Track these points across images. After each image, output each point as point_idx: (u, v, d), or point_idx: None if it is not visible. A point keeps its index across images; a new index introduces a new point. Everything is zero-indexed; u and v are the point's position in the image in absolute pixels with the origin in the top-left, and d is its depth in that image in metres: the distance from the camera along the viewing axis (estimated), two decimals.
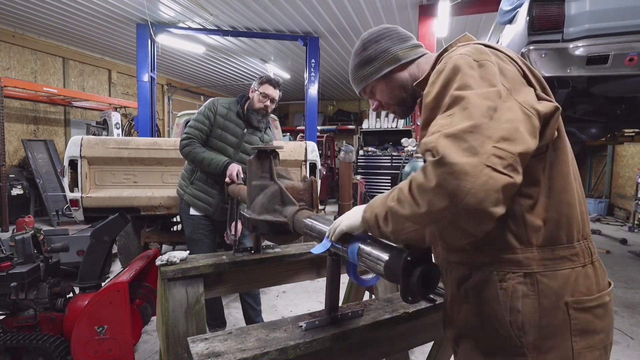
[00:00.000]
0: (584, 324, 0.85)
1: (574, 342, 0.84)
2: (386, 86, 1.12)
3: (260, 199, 1.46)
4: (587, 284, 0.86)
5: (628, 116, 3.58)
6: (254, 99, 2.59)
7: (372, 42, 1.11)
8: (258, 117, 2.61)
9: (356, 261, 0.98)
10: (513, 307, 0.84)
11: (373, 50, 1.10)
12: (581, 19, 2.66)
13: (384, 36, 1.10)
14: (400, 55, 1.08)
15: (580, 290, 0.85)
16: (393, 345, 1.43)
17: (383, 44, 1.09)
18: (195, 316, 1.65)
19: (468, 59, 0.84)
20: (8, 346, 2.15)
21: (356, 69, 1.14)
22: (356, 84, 1.17)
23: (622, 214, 8.98)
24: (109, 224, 2.49)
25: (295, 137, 10.32)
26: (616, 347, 2.95)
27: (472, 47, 0.88)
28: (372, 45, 1.10)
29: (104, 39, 8.48)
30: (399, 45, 1.09)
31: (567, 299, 0.84)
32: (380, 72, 1.10)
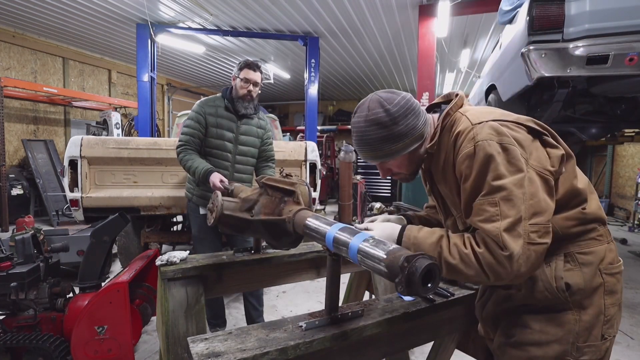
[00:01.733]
0: (611, 286, 1.09)
1: (605, 299, 1.08)
2: (408, 160, 1.18)
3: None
4: (611, 256, 1.11)
5: (628, 116, 3.58)
6: (236, 87, 2.60)
7: (402, 117, 1.10)
8: (245, 104, 2.61)
9: (356, 261, 0.98)
10: (557, 276, 1.08)
11: (404, 126, 1.10)
12: (581, 19, 2.66)
13: (410, 111, 1.11)
14: (424, 132, 1.15)
15: (608, 261, 1.10)
16: (393, 345, 1.43)
17: (411, 120, 1.11)
18: (195, 316, 1.65)
19: (495, 145, 1.00)
20: (8, 346, 2.16)
21: (380, 142, 1.12)
22: (376, 156, 1.16)
23: (622, 214, 8.98)
24: (109, 224, 2.49)
25: (295, 137, 10.32)
26: (616, 347, 2.95)
27: (491, 129, 1.03)
28: (402, 121, 1.10)
29: (104, 39, 8.48)
30: (419, 119, 1.13)
31: (600, 267, 1.08)
32: (408, 149, 1.13)
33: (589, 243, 1.09)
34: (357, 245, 0.97)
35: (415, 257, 0.85)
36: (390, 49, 9.17)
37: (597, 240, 1.10)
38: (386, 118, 1.10)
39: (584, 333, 1.07)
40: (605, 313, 1.08)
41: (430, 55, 6.55)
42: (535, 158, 1.03)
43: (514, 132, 1.04)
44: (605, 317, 1.08)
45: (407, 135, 1.11)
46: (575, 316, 1.07)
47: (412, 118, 1.11)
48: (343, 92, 14.77)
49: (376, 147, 1.13)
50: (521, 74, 2.90)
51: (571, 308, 1.07)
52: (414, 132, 1.12)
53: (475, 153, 1.01)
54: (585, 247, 1.09)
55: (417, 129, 1.12)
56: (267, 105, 15.90)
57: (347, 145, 7.47)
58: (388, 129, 1.10)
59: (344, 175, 6.76)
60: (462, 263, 1.00)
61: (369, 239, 0.98)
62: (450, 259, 1.01)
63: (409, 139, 1.12)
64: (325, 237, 1.07)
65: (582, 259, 1.08)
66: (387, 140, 1.11)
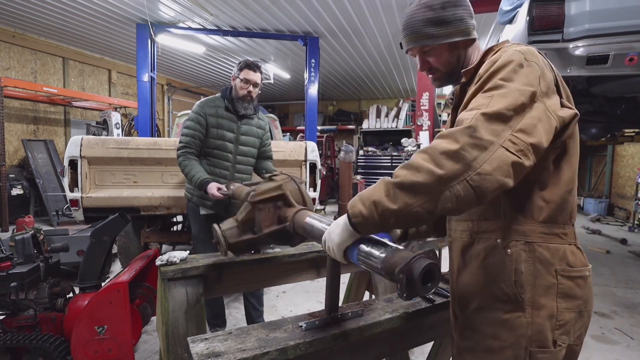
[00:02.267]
0: (567, 289, 1.02)
1: (558, 303, 1.01)
2: (447, 53, 1.12)
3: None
4: (572, 259, 1.03)
5: (628, 116, 3.58)
6: (236, 87, 2.60)
7: (452, 4, 1.08)
8: (244, 105, 2.61)
9: (356, 261, 0.98)
10: (517, 269, 1.01)
11: (451, 13, 1.08)
12: (581, 19, 2.66)
13: (461, 4, 1.10)
14: (470, 29, 1.11)
15: (567, 262, 1.03)
16: (393, 345, 1.43)
17: (460, 12, 1.09)
18: (195, 316, 1.65)
19: (521, 56, 0.97)
20: (8, 346, 2.15)
21: (424, 24, 1.09)
22: (416, 38, 1.12)
23: (622, 214, 8.98)
24: (109, 224, 2.49)
25: (295, 137, 10.32)
26: (616, 347, 2.95)
27: (527, 48, 1.01)
28: (451, 8, 1.08)
29: (104, 39, 8.48)
30: (470, 19, 1.11)
31: (556, 267, 1.01)
32: (450, 39, 1.09)
33: (551, 238, 1.02)
34: (357, 245, 0.97)
35: (415, 257, 0.85)
36: (390, 49, 9.17)
37: (559, 238, 1.03)
38: (437, 1, 1.09)
39: (537, 337, 1.00)
40: (557, 317, 1.00)
41: None
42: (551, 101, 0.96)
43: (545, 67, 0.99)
44: (558, 322, 1.00)
45: (452, 24, 1.08)
46: (527, 319, 1.00)
47: (462, 11, 1.09)
48: (343, 92, 14.77)
49: (420, 29, 1.10)
50: None
51: (523, 309, 1.01)
52: (461, 24, 1.09)
53: (500, 57, 0.98)
54: (546, 240, 1.02)
55: (464, 22, 1.09)
56: (267, 105, 15.90)
57: (347, 145, 7.49)
58: (436, 11, 1.08)
59: (344, 175, 6.78)
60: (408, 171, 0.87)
61: (368, 239, 0.98)
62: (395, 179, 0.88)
63: (454, 28, 1.09)
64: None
65: (540, 253, 1.01)
66: (432, 22, 1.09)
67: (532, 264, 1.01)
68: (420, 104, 6.51)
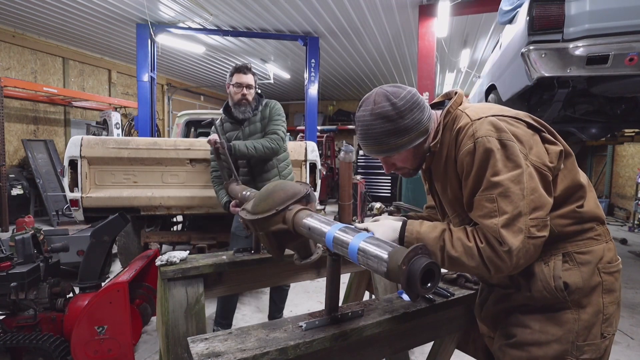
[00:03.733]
0: (610, 284, 1.10)
1: (604, 298, 1.09)
2: (412, 155, 1.18)
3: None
4: (610, 255, 1.12)
5: (628, 116, 3.58)
6: (231, 94, 2.62)
7: (408, 110, 1.09)
8: (242, 109, 2.62)
9: (356, 261, 0.98)
10: (556, 275, 1.09)
11: (410, 120, 1.10)
12: (581, 19, 2.66)
13: (415, 105, 1.11)
14: (428, 126, 1.15)
15: (606, 260, 1.11)
16: (393, 345, 1.43)
17: (417, 115, 1.11)
18: (195, 316, 1.65)
19: (494, 141, 1.02)
20: (8, 346, 2.15)
21: (386, 136, 1.11)
22: (381, 150, 1.14)
23: (622, 214, 8.98)
24: (109, 224, 2.49)
25: (295, 137, 10.31)
26: (616, 347, 2.95)
27: (490, 125, 1.04)
28: (408, 115, 1.09)
29: (104, 39, 8.48)
30: (425, 114, 1.13)
31: (599, 265, 1.09)
32: (413, 143, 1.13)
33: (587, 242, 1.10)
34: (357, 245, 0.97)
35: (415, 256, 0.85)
36: (390, 49, 9.17)
37: (595, 240, 1.11)
38: (392, 112, 1.08)
39: (584, 332, 1.07)
40: (604, 312, 1.08)
41: (430, 55, 6.55)
42: (535, 153, 1.04)
43: (512, 127, 1.05)
44: (604, 316, 1.08)
45: (412, 130, 1.11)
46: (574, 315, 1.08)
47: (418, 112, 1.11)
48: (343, 92, 14.77)
49: (382, 141, 1.12)
50: (521, 74, 2.90)
51: (570, 307, 1.08)
52: (419, 126, 1.12)
53: (475, 149, 1.03)
54: (583, 246, 1.10)
55: (422, 124, 1.12)
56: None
57: (347, 145, 7.47)
58: (394, 122, 1.09)
59: (344, 175, 6.76)
60: (465, 255, 1.02)
61: (369, 238, 0.98)
62: (453, 251, 1.03)
63: (415, 133, 1.11)
64: (325, 237, 1.07)
65: (581, 258, 1.09)
66: (393, 134, 1.10)
67: (577, 270, 1.08)
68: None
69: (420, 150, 1.18)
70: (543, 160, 1.04)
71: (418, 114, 1.11)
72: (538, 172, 1.03)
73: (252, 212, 1.29)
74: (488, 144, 1.02)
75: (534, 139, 1.07)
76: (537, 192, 1.00)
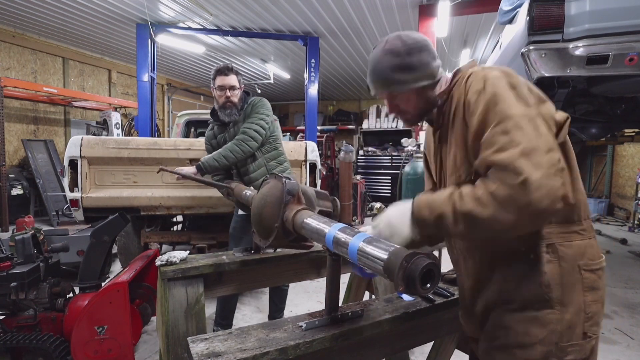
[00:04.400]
0: (591, 282, 1.06)
1: (585, 296, 1.05)
2: (415, 97, 1.15)
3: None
4: (592, 252, 1.08)
5: (628, 116, 3.58)
6: (216, 98, 2.60)
7: (417, 50, 1.10)
8: (226, 112, 2.58)
9: (356, 261, 0.98)
10: (541, 270, 1.05)
11: (417, 59, 1.10)
12: (581, 19, 2.66)
13: (426, 48, 1.11)
14: (436, 72, 1.13)
15: (588, 257, 1.07)
16: (393, 345, 1.43)
17: (425, 57, 1.11)
18: (195, 316, 1.65)
19: (504, 82, 0.99)
20: (8, 346, 2.16)
21: (392, 70, 1.11)
22: (385, 84, 1.14)
23: (622, 214, 8.98)
24: (109, 224, 2.49)
25: (295, 137, 10.31)
26: (616, 347, 2.95)
27: (501, 71, 1.03)
28: (417, 54, 1.10)
29: (104, 39, 8.48)
30: (435, 62, 1.13)
31: (579, 262, 1.05)
32: (417, 83, 1.11)
33: (572, 236, 1.06)
34: (357, 245, 0.97)
35: (415, 256, 0.85)
36: None
37: (579, 235, 1.07)
38: (401, 48, 1.10)
39: (567, 332, 1.04)
40: (586, 310, 1.05)
41: None
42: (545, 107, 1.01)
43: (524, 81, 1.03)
44: (587, 314, 1.05)
45: (419, 69, 1.10)
46: (556, 315, 1.04)
47: (427, 55, 1.11)
48: (343, 92, 14.77)
49: (387, 75, 1.12)
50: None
51: (552, 306, 1.05)
52: (426, 68, 1.11)
53: (485, 88, 1.00)
54: (567, 239, 1.06)
55: (430, 67, 1.11)
56: None
57: (347, 145, 7.47)
58: (401, 57, 1.10)
59: (344, 175, 6.76)
60: (477, 205, 0.93)
61: (368, 239, 0.98)
62: (464, 205, 0.94)
63: (421, 74, 1.11)
64: (325, 237, 1.07)
65: (563, 252, 1.05)
66: (398, 69, 1.10)
67: (557, 264, 1.05)
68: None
69: (426, 95, 1.15)
70: (551, 114, 1.00)
71: (427, 56, 1.11)
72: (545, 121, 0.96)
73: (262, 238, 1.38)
74: (498, 82, 0.99)
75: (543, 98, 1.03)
76: (549, 136, 0.93)
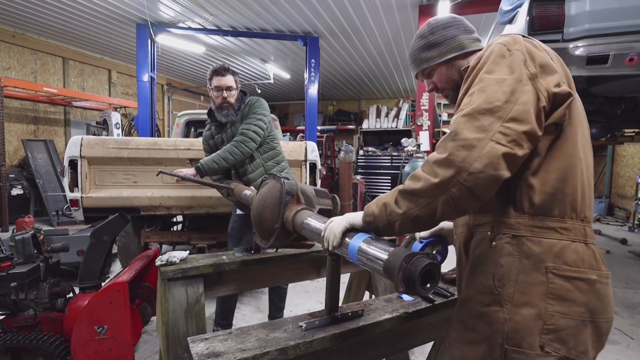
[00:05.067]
0: (561, 290, 0.93)
1: (549, 304, 0.92)
2: (446, 71, 1.18)
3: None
4: (573, 257, 0.94)
5: (628, 116, 3.58)
6: (212, 98, 2.58)
7: (440, 27, 1.16)
8: (223, 112, 2.57)
9: (356, 261, 0.98)
10: (497, 262, 0.99)
11: (440, 35, 1.15)
12: (581, 19, 2.66)
13: (452, 24, 1.16)
14: (465, 44, 1.15)
15: (564, 260, 0.94)
16: (393, 345, 1.43)
17: (450, 31, 1.15)
18: (195, 316, 1.65)
19: (503, 47, 0.97)
20: (8, 346, 2.15)
21: (419, 51, 1.19)
22: (416, 64, 1.21)
23: (622, 214, 8.98)
24: (109, 224, 2.49)
25: (295, 137, 10.32)
26: (616, 347, 2.95)
27: (510, 37, 1.01)
28: (440, 31, 1.16)
29: (104, 39, 8.48)
30: (464, 35, 1.16)
31: (548, 264, 0.94)
32: (443, 57, 1.15)
33: (545, 232, 0.95)
34: (357, 245, 0.97)
35: (415, 257, 0.85)
36: (390, 49, 9.16)
37: (556, 232, 0.95)
38: (426, 30, 1.18)
39: (514, 335, 0.94)
40: (545, 320, 0.92)
41: None
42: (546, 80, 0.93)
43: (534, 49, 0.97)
44: (547, 326, 0.92)
45: (442, 44, 1.14)
46: (505, 315, 0.95)
47: (452, 30, 1.15)
48: (343, 92, 14.77)
49: (416, 56, 1.20)
50: None
51: (501, 304, 0.96)
52: (451, 41, 1.14)
53: (481, 58, 1.00)
54: (537, 234, 0.96)
55: (456, 39, 1.14)
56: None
57: (347, 145, 7.48)
58: (425, 38, 1.17)
59: (344, 175, 6.77)
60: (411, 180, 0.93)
61: (368, 239, 0.98)
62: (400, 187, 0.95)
63: (445, 48, 1.14)
64: None
65: (528, 247, 0.95)
66: (424, 48, 1.17)
67: (518, 259, 0.96)
68: (420, 104, 6.51)
69: (456, 68, 1.16)
70: (549, 86, 0.92)
71: (452, 30, 1.15)
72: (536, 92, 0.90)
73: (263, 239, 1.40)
74: (497, 48, 0.98)
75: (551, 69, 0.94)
76: (525, 106, 0.88)
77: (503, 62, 0.94)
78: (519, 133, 0.86)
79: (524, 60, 0.94)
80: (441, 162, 0.87)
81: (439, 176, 0.86)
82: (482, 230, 1.06)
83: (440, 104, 11.38)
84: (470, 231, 1.10)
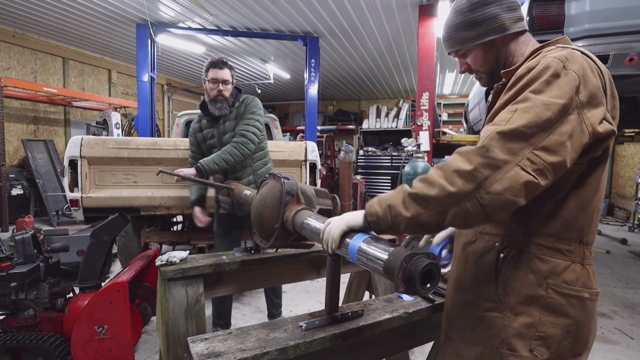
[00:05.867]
0: (557, 305, 0.97)
1: (542, 315, 0.98)
2: (483, 53, 1.09)
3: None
4: (571, 277, 0.98)
5: (628, 116, 3.58)
6: (207, 90, 2.56)
7: (481, 4, 1.05)
8: (217, 105, 2.55)
9: (356, 261, 0.98)
10: (504, 272, 1.01)
11: (480, 13, 1.05)
12: (581, 19, 2.66)
13: (493, 1, 1.05)
14: (507, 25, 1.05)
15: (564, 279, 0.98)
16: (393, 345, 1.43)
17: (492, 9, 1.05)
18: (195, 316, 1.65)
19: (559, 64, 0.89)
20: (8, 346, 2.16)
21: (456, 29, 1.09)
22: (451, 44, 1.12)
23: (622, 214, 8.98)
24: (109, 224, 2.49)
25: (295, 137, 10.31)
26: (616, 347, 2.95)
27: (568, 53, 0.93)
28: (480, 9, 1.05)
29: (104, 39, 8.48)
30: (507, 13, 1.05)
31: (549, 280, 0.98)
32: (481, 39, 1.07)
33: (552, 253, 0.99)
34: (357, 245, 0.97)
35: (415, 256, 0.85)
36: (390, 49, 9.16)
37: (562, 254, 0.99)
38: (465, 4, 1.07)
39: (510, 340, 0.99)
40: (537, 328, 0.97)
41: (430, 55, 6.54)
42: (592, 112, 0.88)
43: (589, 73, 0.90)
44: (538, 333, 0.97)
45: (482, 24, 1.05)
46: (504, 321, 1.00)
47: (494, 8, 1.04)
48: (343, 92, 14.77)
49: (451, 34, 1.11)
50: None
51: (502, 310, 1.01)
52: (492, 22, 1.04)
53: (537, 65, 0.92)
54: (546, 254, 0.99)
55: (497, 20, 1.04)
56: (267, 105, 15.89)
57: (347, 145, 7.49)
58: (463, 15, 1.07)
59: (344, 175, 6.78)
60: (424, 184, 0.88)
61: (369, 239, 0.98)
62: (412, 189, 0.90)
63: (485, 29, 1.05)
64: None
65: (535, 264, 0.98)
66: (461, 27, 1.08)
67: (524, 273, 0.99)
68: (420, 103, 6.51)
69: (495, 52, 1.08)
70: (593, 121, 0.88)
71: (494, 8, 1.04)
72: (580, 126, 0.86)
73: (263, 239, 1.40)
74: (552, 63, 0.90)
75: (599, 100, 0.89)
76: (561, 137, 0.84)
77: (556, 83, 0.87)
78: (546, 164, 0.83)
79: (577, 86, 0.87)
80: (463, 173, 0.84)
81: (457, 186, 0.84)
82: (489, 239, 1.06)
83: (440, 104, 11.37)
84: (475, 235, 1.11)
